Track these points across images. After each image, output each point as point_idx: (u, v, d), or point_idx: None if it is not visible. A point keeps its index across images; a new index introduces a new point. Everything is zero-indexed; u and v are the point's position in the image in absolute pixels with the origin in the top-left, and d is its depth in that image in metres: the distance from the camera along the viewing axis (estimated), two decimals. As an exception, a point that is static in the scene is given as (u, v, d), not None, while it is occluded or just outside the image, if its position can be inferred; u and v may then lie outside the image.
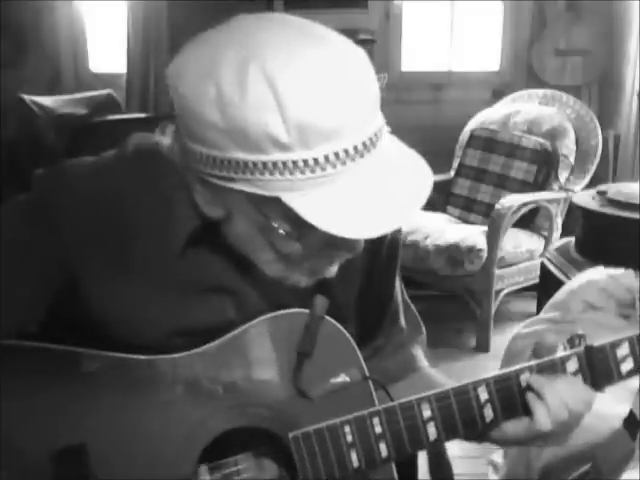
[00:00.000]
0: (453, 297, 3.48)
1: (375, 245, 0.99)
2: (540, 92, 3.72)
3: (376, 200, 0.76)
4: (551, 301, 1.87)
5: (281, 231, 0.80)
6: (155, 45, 3.80)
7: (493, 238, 3.13)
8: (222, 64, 0.74)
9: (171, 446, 0.89)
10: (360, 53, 0.78)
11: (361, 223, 0.76)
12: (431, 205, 3.72)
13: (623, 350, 0.88)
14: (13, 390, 0.88)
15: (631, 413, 0.96)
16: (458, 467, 1.39)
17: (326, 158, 0.74)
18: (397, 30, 4.01)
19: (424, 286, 3.46)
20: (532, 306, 3.23)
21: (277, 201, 0.76)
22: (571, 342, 0.89)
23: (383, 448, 0.88)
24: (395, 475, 0.95)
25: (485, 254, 3.12)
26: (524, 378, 0.88)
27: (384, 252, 1.02)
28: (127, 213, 0.89)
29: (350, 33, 0.79)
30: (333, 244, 0.83)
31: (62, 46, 3.97)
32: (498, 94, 3.92)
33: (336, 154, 0.74)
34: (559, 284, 2.15)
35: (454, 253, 3.15)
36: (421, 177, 0.80)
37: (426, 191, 0.79)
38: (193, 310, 0.91)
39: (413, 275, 3.35)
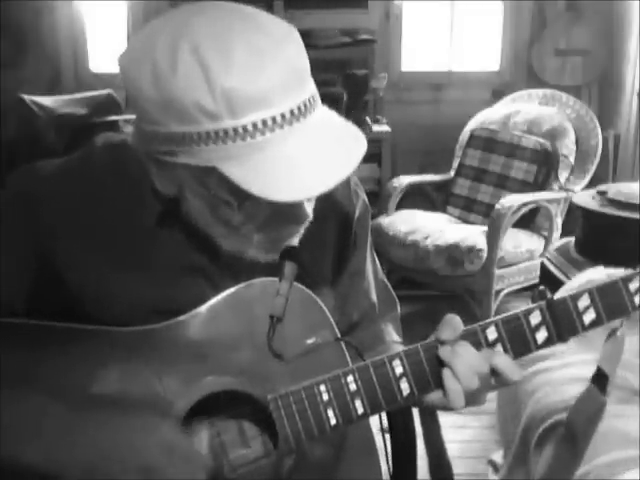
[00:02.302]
0: (453, 297, 3.48)
1: (344, 223, 1.06)
2: (540, 92, 3.72)
3: (307, 165, 0.80)
4: (551, 301, 1.87)
5: (223, 200, 0.84)
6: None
7: (493, 238, 3.13)
8: (157, 44, 0.80)
9: (152, 413, 0.90)
10: (290, 30, 0.83)
11: (292, 187, 0.80)
12: (431, 205, 3.73)
13: (584, 302, 0.90)
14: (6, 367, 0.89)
15: (599, 369, 0.98)
16: (458, 467, 1.39)
17: (254, 126, 0.78)
18: (397, 30, 4.01)
19: (424, 286, 3.46)
20: (532, 306, 3.23)
21: (215, 171, 0.80)
22: (534, 298, 0.91)
23: (359, 405, 0.91)
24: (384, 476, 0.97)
25: (485, 254, 3.13)
26: (490, 331, 0.90)
27: (353, 231, 1.08)
28: (100, 200, 0.94)
29: (350, 33, 0.80)
30: (277, 216, 0.87)
31: (62, 46, 3.97)
32: (498, 94, 3.92)
33: (264, 122, 0.78)
34: (559, 284, 2.15)
35: (454, 253, 3.15)
36: (353, 143, 0.84)
37: (358, 155, 0.82)
38: (169, 290, 0.95)
39: (413, 275, 3.35)
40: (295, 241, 0.92)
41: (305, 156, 0.81)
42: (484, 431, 2.56)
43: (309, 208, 0.89)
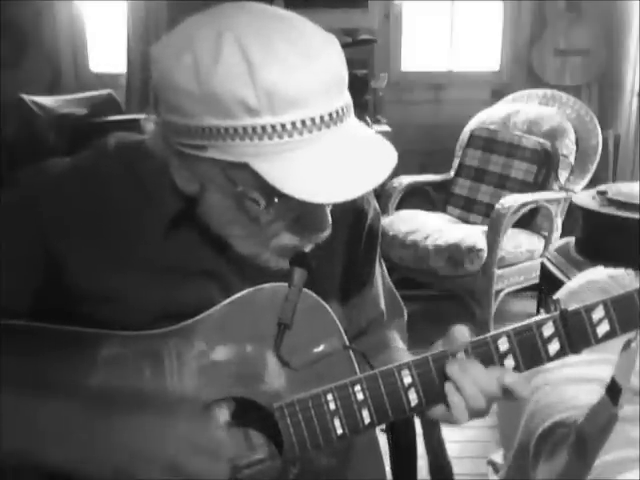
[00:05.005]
0: (453, 297, 3.48)
1: (355, 234, 1.06)
2: (540, 92, 3.72)
3: (338, 169, 0.80)
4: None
5: (251, 197, 0.83)
6: (155, 45, 3.80)
7: (493, 238, 3.13)
8: (199, 36, 0.80)
9: (158, 420, 0.89)
10: (330, 38, 0.84)
11: (322, 190, 0.79)
12: (431, 205, 3.73)
13: (598, 313, 0.89)
14: (10, 370, 0.88)
15: (613, 380, 0.97)
16: (458, 467, 1.39)
17: (293, 124, 0.78)
18: (397, 30, 4.01)
19: (424, 286, 3.46)
20: (532, 306, 3.23)
21: (246, 167, 0.80)
22: (547, 308, 0.90)
23: (366, 414, 0.90)
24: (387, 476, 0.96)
25: (485, 254, 3.13)
26: (502, 342, 0.89)
27: (363, 240, 1.07)
28: (111, 201, 0.93)
29: (350, 33, 0.81)
30: (302, 220, 0.87)
31: (62, 46, 3.97)
32: (498, 94, 3.92)
33: (302, 122, 0.79)
34: (559, 284, 2.15)
35: (454, 253, 3.15)
36: (385, 153, 0.84)
37: (389, 165, 0.82)
38: (179, 293, 0.93)
39: (413, 275, 3.35)
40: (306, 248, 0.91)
41: (338, 160, 0.80)
42: (484, 431, 2.56)
43: (330, 219, 0.89)
